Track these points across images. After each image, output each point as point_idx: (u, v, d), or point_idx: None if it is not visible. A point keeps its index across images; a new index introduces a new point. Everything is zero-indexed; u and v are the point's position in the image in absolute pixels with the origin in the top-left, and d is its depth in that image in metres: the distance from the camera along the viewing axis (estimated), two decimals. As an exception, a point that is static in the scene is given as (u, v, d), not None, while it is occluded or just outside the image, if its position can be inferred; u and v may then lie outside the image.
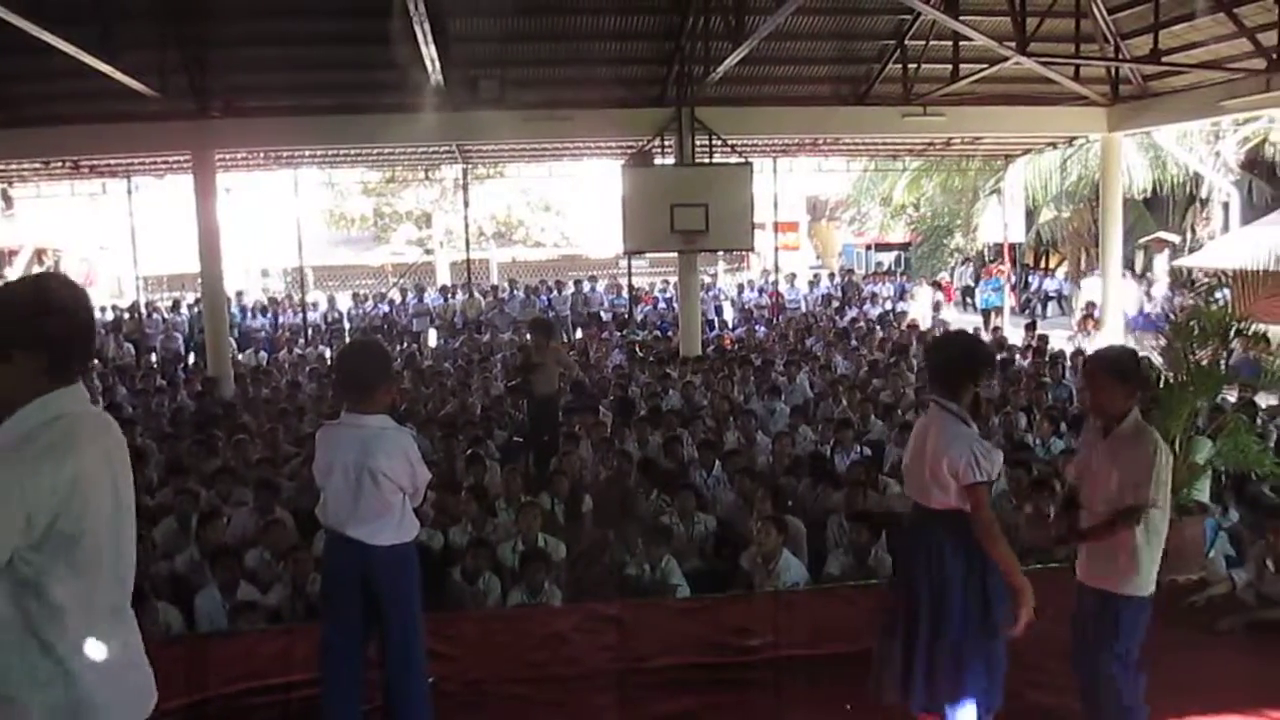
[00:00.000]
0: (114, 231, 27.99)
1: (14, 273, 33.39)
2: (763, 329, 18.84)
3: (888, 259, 33.34)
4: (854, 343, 15.99)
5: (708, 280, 23.18)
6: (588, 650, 4.77)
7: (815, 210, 38.51)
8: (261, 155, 17.68)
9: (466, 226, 22.05)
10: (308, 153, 17.96)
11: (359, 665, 4.01)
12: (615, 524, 7.74)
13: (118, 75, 11.37)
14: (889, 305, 21.76)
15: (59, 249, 34.15)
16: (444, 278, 29.53)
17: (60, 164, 17.27)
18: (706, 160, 14.98)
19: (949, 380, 3.82)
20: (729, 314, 21.66)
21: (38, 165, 17.35)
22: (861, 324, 18.70)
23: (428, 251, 32.35)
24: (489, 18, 13.36)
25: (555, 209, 35.19)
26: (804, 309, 21.27)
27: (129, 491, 2.49)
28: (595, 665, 4.63)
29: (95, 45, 10.78)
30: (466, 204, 21.56)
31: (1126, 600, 3.89)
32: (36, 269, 34.50)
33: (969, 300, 25.15)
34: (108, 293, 29.47)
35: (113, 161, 17.52)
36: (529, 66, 14.39)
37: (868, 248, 35.13)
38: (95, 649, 2.31)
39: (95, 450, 2.36)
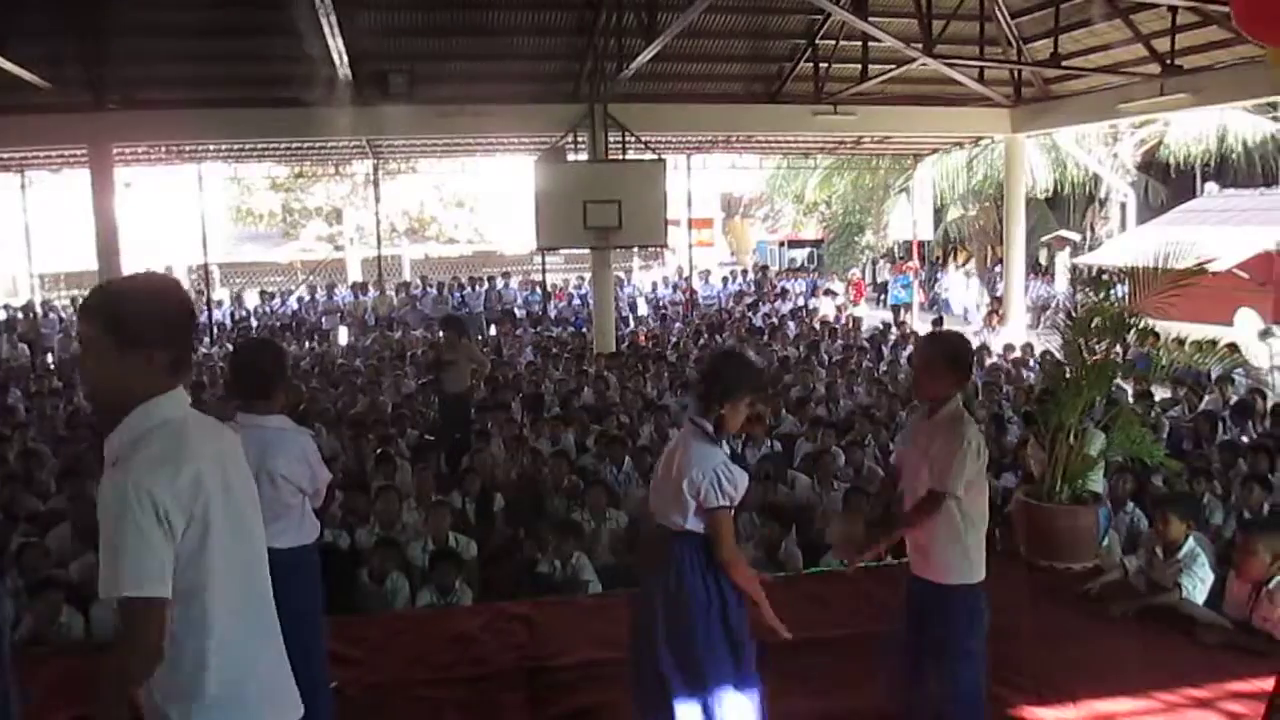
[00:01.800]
0: (6, 228, 26.99)
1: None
2: (678, 325, 18.92)
3: (801, 255, 33.73)
4: (765, 338, 16.15)
5: (622, 276, 23.22)
6: (496, 650, 4.72)
7: (729, 207, 38.82)
8: (162, 149, 17.18)
9: (378, 223, 21.74)
10: (211, 147, 17.54)
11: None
12: (527, 522, 7.72)
13: (5, 65, 10.95)
14: (801, 301, 22.05)
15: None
16: (355, 274, 29.05)
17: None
18: (620, 157, 14.98)
19: (704, 396, 3.67)
20: (643, 309, 21.70)
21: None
22: (773, 320, 18.90)
23: (338, 248, 31.83)
24: (398, 11, 13.20)
25: (468, 205, 34.85)
26: (718, 305, 21.42)
27: (249, 497, 2.46)
28: (503, 664, 4.59)
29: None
30: (378, 200, 21.24)
31: (953, 590, 3.88)
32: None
33: (882, 297, 25.58)
34: (2, 291, 28.40)
35: (4, 155, 16.88)
36: (439, 61, 14.25)
37: (781, 244, 35.50)
38: (230, 658, 2.29)
39: (213, 454, 2.33)
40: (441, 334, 11.59)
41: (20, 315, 19.40)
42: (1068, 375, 6.52)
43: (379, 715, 4.27)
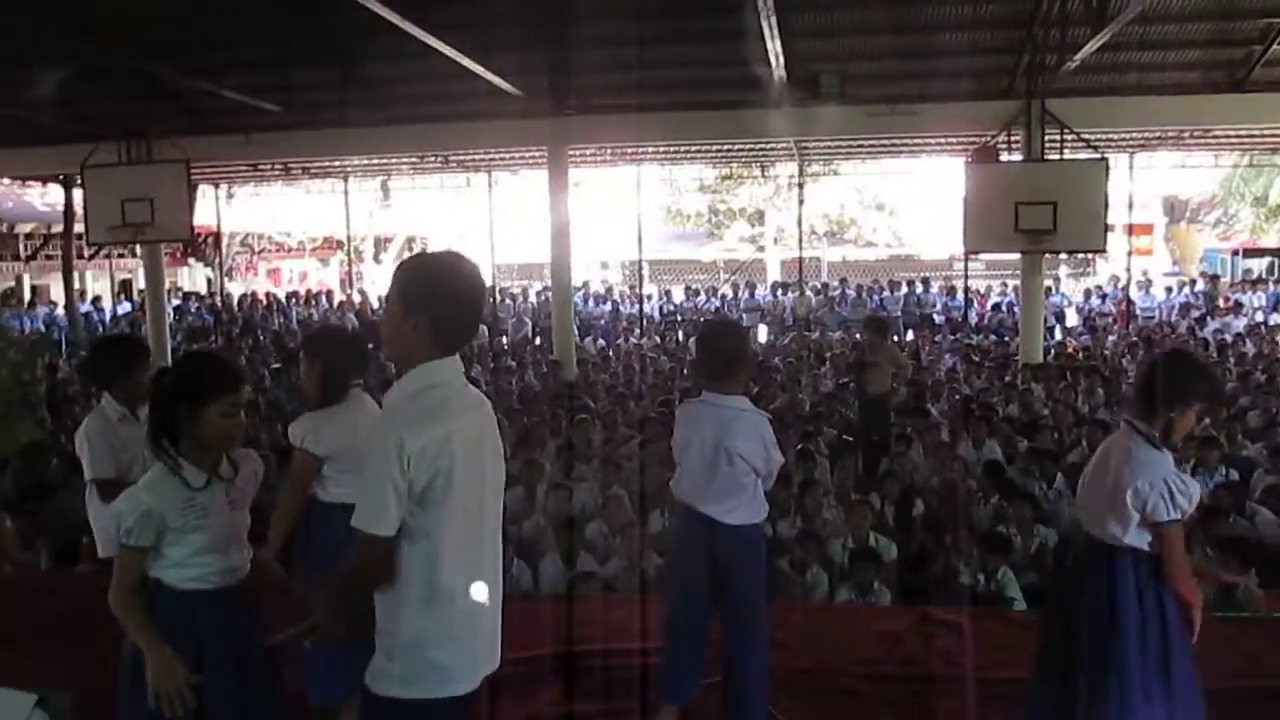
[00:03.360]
0: (472, 222, 30.31)
1: (388, 258, 37.06)
2: (1112, 337, 17.59)
3: (1259, 266, 30.13)
4: (1215, 356, 14.61)
5: (1050, 284, 21.92)
6: (925, 654, 4.63)
7: (1173, 211, 35.48)
8: (608, 152, 18.51)
9: (800, 224, 22.07)
10: (650, 149, 18.60)
11: (703, 638, 4.11)
12: (946, 530, 7.54)
13: (490, 77, 12.28)
14: (1260, 318, 19.69)
15: (425, 237, 37.54)
16: (774, 275, 29.79)
17: (433, 158, 18.92)
18: (1056, 155, 14.14)
19: (1148, 398, 3.31)
20: (1072, 320, 20.37)
21: (414, 160, 19.12)
22: (1225, 336, 17.06)
23: (759, 249, 32.77)
24: (832, 11, 13.27)
25: (888, 208, 34.60)
26: (1159, 318, 19.69)
27: (497, 468, 2.73)
28: (932, 670, 4.50)
29: (472, 49, 11.72)
30: (801, 201, 21.54)
31: None
32: (406, 255, 38.12)
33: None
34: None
35: (477, 157, 18.98)
36: (870, 60, 14.17)
37: (1234, 253, 31.91)
38: (437, 604, 2.54)
39: (467, 421, 2.60)
40: (863, 334, 11.56)
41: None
42: None
43: (806, 699, 4.31)
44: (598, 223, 29.09)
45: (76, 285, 22.68)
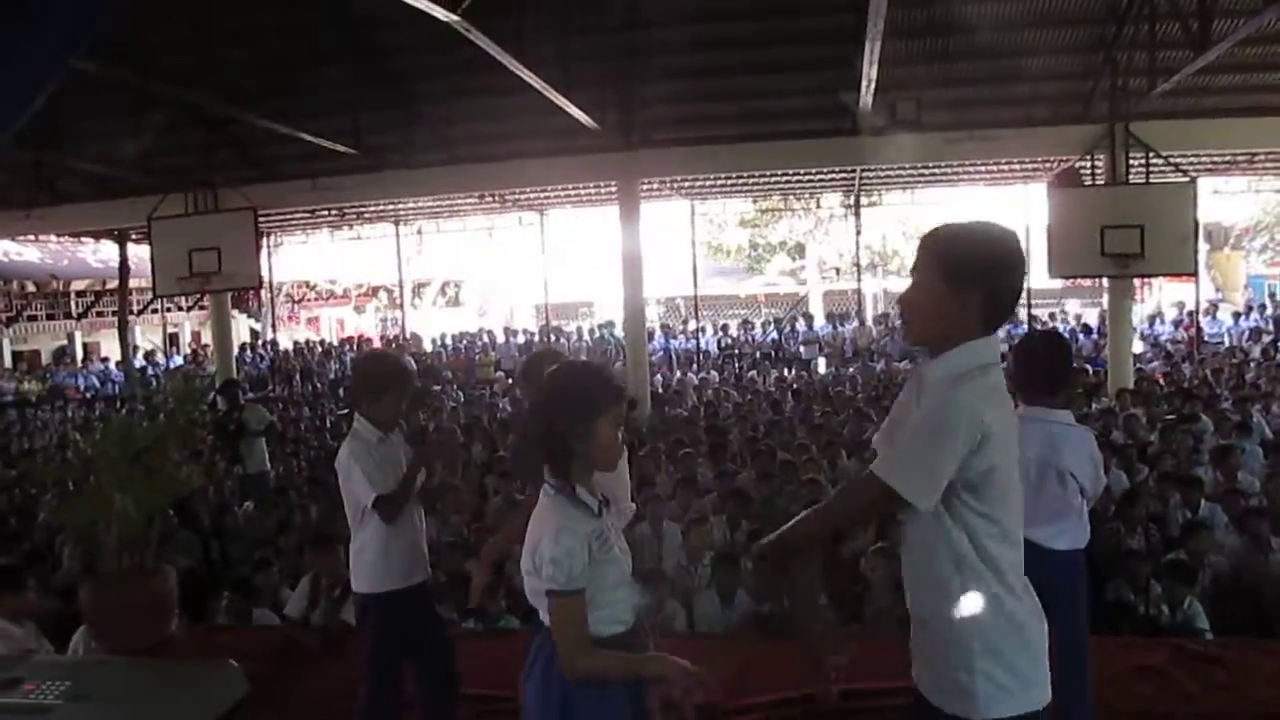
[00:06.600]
0: (506, 263, 30.15)
1: (424, 303, 36.92)
2: (1188, 366, 17.26)
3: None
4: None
5: (1099, 311, 21.67)
6: (1199, 690, 4.30)
7: (1211, 238, 35.21)
8: (669, 186, 18.30)
9: (857, 251, 22.01)
10: (711, 182, 18.39)
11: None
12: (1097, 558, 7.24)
13: (573, 110, 12.10)
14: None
15: (460, 280, 37.52)
16: (816, 307, 29.60)
17: (491, 199, 18.75)
18: (1143, 178, 13.90)
19: None
20: (1138, 346, 20.03)
21: (474, 200, 18.94)
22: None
23: (800, 282, 32.66)
24: (908, 39, 13.08)
25: (930, 239, 34.63)
26: (1229, 343, 19.37)
27: (1016, 476, 2.45)
28: (1210, 709, 4.17)
29: (557, 83, 11.52)
30: (859, 231, 21.43)
31: None
32: (440, 300, 38.03)
33: None
34: (501, 319, 31.81)
35: (534, 196, 18.79)
36: (946, 87, 13.97)
37: (1283, 279, 31.70)
38: (1025, 600, 2.39)
39: (1009, 405, 2.41)
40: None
41: (536, 338, 21.77)
42: None
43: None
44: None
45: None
